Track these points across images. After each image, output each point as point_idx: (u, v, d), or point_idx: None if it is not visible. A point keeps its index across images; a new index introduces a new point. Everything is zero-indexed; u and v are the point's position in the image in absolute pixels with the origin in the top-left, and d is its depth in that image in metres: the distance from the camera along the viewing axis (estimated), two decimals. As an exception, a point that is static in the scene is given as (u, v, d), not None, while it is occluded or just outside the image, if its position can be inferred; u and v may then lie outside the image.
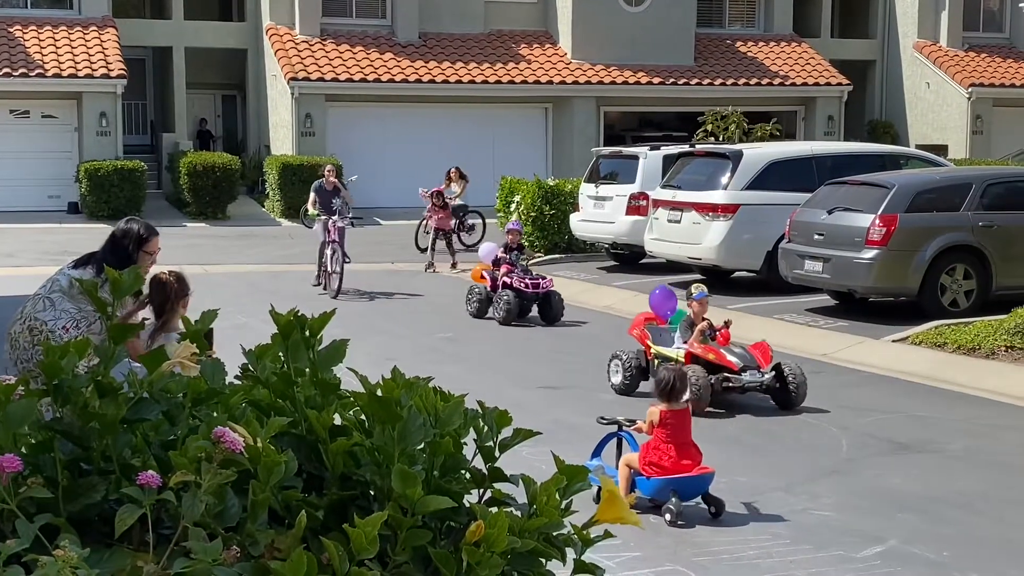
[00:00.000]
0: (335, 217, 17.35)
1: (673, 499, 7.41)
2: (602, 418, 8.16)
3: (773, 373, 10.39)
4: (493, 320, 15.20)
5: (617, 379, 10.97)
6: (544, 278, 15.29)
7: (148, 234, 6.70)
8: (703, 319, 10.87)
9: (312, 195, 17.98)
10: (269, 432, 1.89)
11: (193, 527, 1.73)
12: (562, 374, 12.01)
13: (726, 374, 10.32)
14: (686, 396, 7.88)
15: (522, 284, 14.98)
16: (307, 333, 2.08)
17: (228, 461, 1.78)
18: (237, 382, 2.17)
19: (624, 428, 7.97)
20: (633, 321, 11.54)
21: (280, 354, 2.13)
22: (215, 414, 2.00)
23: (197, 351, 2.02)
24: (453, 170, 22.52)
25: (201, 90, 34.44)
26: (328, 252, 17.18)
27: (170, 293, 5.90)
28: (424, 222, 21.73)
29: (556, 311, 15.02)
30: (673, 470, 7.51)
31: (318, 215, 17.58)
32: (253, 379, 2.12)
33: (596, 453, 8.09)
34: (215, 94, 36.10)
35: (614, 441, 8.09)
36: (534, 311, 15.17)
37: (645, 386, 10.42)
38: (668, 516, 7.34)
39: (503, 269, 15.30)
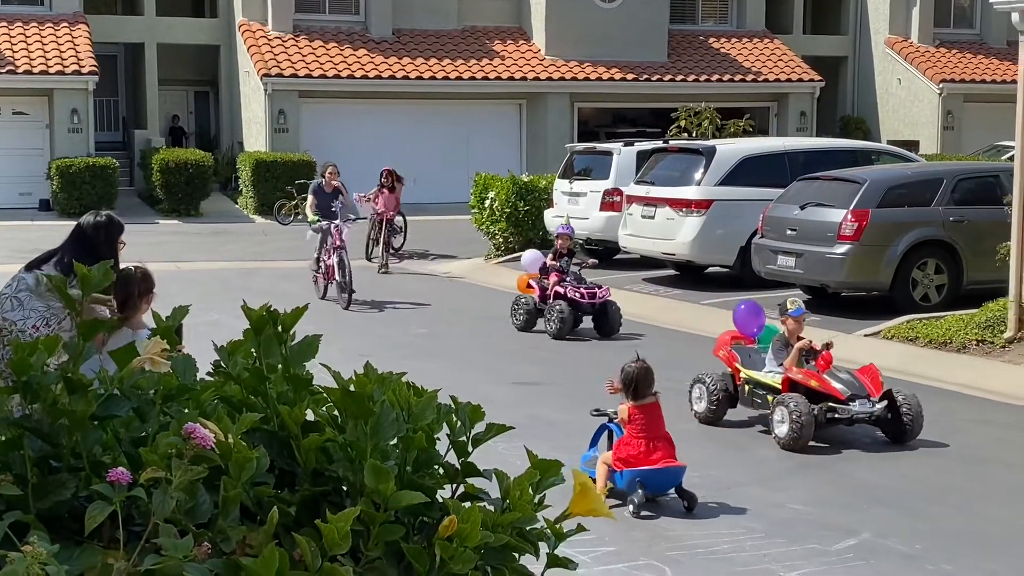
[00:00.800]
0: (337, 221, 16.08)
1: (639, 491, 7.44)
2: (595, 410, 8.19)
3: (885, 402, 9.05)
4: (469, 316, 15.17)
5: (702, 406, 9.72)
6: (600, 287, 13.89)
7: (117, 227, 6.66)
8: (800, 338, 9.51)
9: (311, 198, 16.73)
10: (240, 428, 1.88)
11: (164, 524, 1.72)
12: (538, 370, 12.01)
13: (831, 404, 8.98)
14: (653, 390, 7.84)
15: (576, 294, 13.60)
16: (279, 329, 2.07)
17: (199, 457, 1.77)
18: (209, 378, 2.16)
19: (613, 420, 8.00)
20: (718, 341, 10.16)
21: (252, 350, 2.12)
22: (186, 410, 1.99)
23: (167, 347, 2.01)
24: (387, 171, 21.46)
25: (173, 86, 34.28)
26: (334, 260, 15.86)
27: (134, 288, 5.86)
28: (371, 230, 20.58)
29: (613, 323, 13.68)
30: (641, 463, 7.54)
31: (318, 219, 16.27)
32: (225, 375, 2.11)
33: (593, 444, 8.14)
34: (187, 90, 35.94)
35: (607, 433, 8.13)
36: (586, 322, 13.85)
37: (732, 414, 9.63)
38: (631, 507, 7.38)
39: (553, 278, 13.88)
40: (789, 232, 14.86)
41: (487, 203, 20.85)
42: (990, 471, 8.49)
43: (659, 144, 19.55)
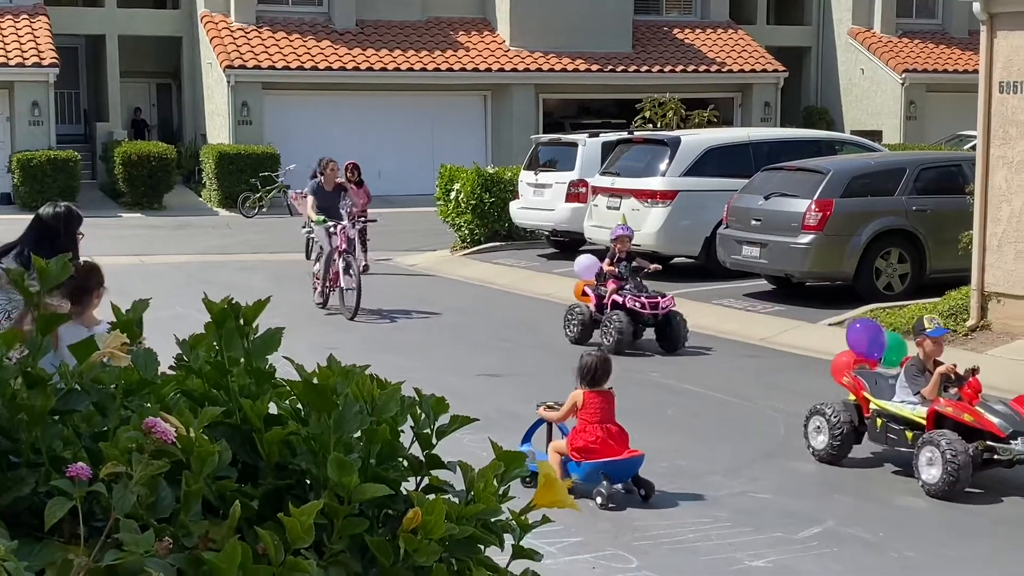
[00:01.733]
0: (344, 223, 14.67)
1: (604, 482, 7.48)
2: (541, 404, 8.20)
3: None
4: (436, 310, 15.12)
5: (822, 441, 8.39)
6: (663, 295, 12.39)
7: (76, 218, 6.61)
8: (939, 362, 8.26)
9: (310, 198, 15.18)
10: (202, 422, 1.86)
11: (125, 519, 1.70)
12: (503, 362, 12.02)
13: (988, 442, 7.68)
14: (608, 382, 7.88)
15: (636, 303, 12.19)
16: (241, 322, 2.06)
17: (160, 452, 1.76)
18: (172, 372, 2.14)
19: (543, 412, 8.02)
20: (835, 364, 8.79)
21: (214, 343, 2.10)
22: (147, 404, 1.97)
23: (127, 341, 1.99)
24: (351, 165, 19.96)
25: (135, 79, 34.01)
26: (340, 265, 14.51)
27: (89, 283, 5.80)
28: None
29: (679, 335, 12.24)
30: (603, 453, 7.59)
31: (323, 221, 14.77)
32: (186, 369, 2.09)
33: (526, 439, 8.11)
34: (150, 83, 35.68)
35: (544, 427, 8.14)
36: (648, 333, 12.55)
37: (857, 450, 8.46)
38: (599, 499, 7.40)
39: (611, 285, 12.46)
40: (754, 222, 14.92)
41: (452, 195, 20.83)
42: (953, 458, 8.55)
43: (624, 135, 19.59)
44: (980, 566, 6.47)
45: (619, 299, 12.33)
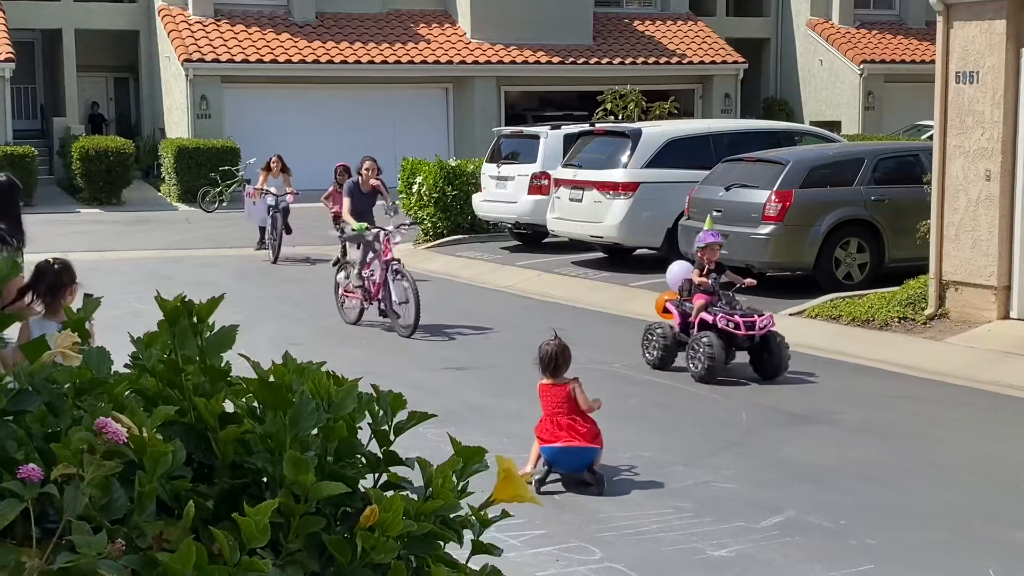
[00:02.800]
0: (389, 227, 13.21)
1: (545, 468, 7.64)
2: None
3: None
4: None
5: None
6: (760, 313, 10.71)
7: (15, 186, 6.58)
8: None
9: (346, 201, 13.82)
10: (155, 421, 1.85)
11: (77, 520, 1.68)
12: (468, 355, 12.01)
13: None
14: (567, 371, 7.91)
15: (730, 323, 10.49)
16: (195, 319, 2.04)
17: (112, 452, 1.74)
18: (127, 371, 2.12)
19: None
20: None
21: (169, 341, 2.08)
22: (100, 404, 1.95)
23: (79, 340, 1.97)
24: (275, 159, 20.19)
25: (92, 73, 33.72)
26: (386, 275, 13.02)
27: (61, 280, 5.75)
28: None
29: (779, 361, 10.58)
30: (549, 441, 7.69)
31: (366, 228, 13.27)
32: (140, 367, 2.07)
33: None
34: (107, 77, 35.38)
35: None
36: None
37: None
38: (531, 482, 7.49)
39: (699, 300, 10.81)
40: (715, 213, 14.96)
41: (415, 188, 20.78)
42: (912, 446, 8.63)
43: (586, 127, 19.61)
44: (939, 551, 6.53)
45: (709, 317, 10.60)
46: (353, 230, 13.50)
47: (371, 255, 13.35)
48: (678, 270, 11.49)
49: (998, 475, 7.85)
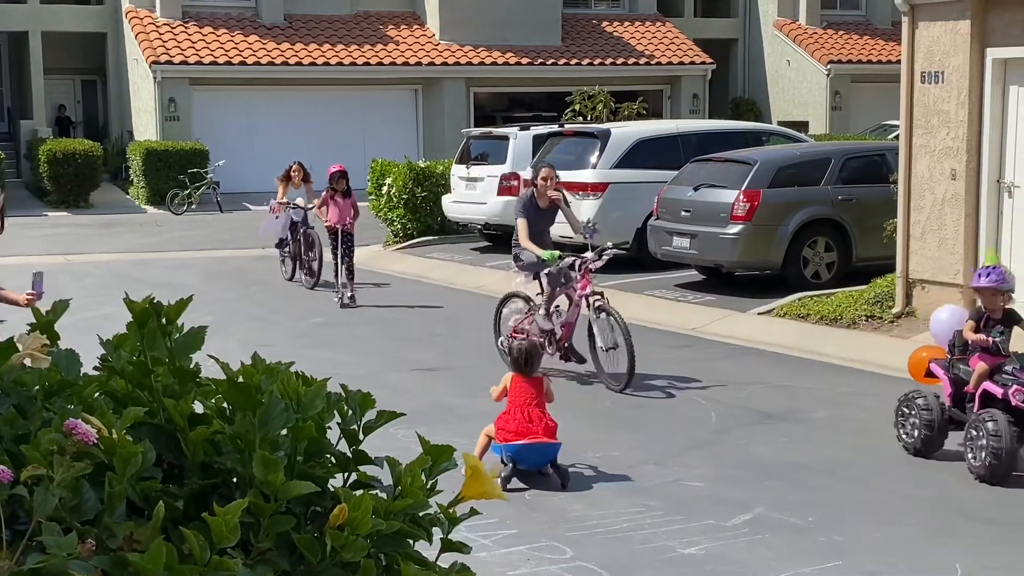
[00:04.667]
0: (588, 256, 10.61)
1: (510, 464, 7.70)
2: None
3: None
4: (366, 304, 15.03)
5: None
6: None
7: None
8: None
9: (521, 222, 10.87)
10: (125, 422, 1.85)
11: (47, 522, 1.69)
12: (438, 356, 12.01)
13: None
14: (539, 368, 8.07)
15: None
16: (163, 321, 2.05)
17: (81, 453, 1.75)
18: (97, 372, 2.13)
19: None
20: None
21: (138, 343, 2.09)
22: (70, 406, 1.95)
23: (47, 342, 1.98)
24: (295, 167, 17.30)
25: (60, 75, 33.49)
26: (591, 316, 10.46)
27: None
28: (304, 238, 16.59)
29: None
30: (521, 436, 7.75)
31: (557, 257, 10.52)
32: (109, 369, 2.08)
33: None
34: (74, 79, 35.15)
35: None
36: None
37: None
38: (497, 480, 7.50)
39: (978, 363, 8.01)
40: (683, 213, 15.05)
41: (384, 189, 20.76)
42: (879, 443, 8.70)
43: (555, 128, 19.65)
44: (907, 547, 6.60)
45: (997, 390, 7.78)
46: (542, 260, 10.56)
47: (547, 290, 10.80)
48: (947, 317, 8.61)
49: (964, 470, 7.92)
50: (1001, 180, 11.98)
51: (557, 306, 10.84)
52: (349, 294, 14.97)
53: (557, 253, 10.56)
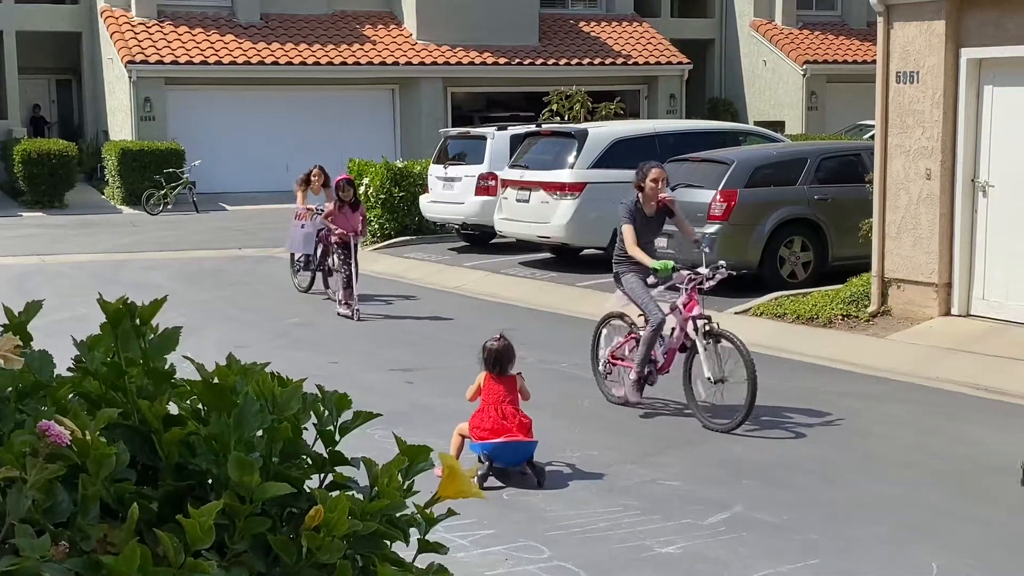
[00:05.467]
0: (702, 271, 9.38)
1: (486, 463, 7.72)
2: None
3: None
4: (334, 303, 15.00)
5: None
6: None
7: None
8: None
9: (627, 226, 9.58)
10: (98, 424, 1.84)
11: (20, 523, 1.68)
12: (416, 356, 12.00)
13: None
14: (513, 367, 8.08)
15: None
16: (137, 322, 2.04)
17: (55, 455, 1.73)
18: (71, 374, 2.11)
19: None
20: None
21: (112, 344, 2.08)
22: (43, 407, 1.94)
23: (20, 343, 1.96)
24: (315, 171, 16.42)
25: (34, 75, 33.30)
26: (697, 342, 9.12)
27: None
28: (318, 244, 15.61)
29: None
30: (496, 435, 7.78)
31: (669, 268, 9.25)
32: (83, 370, 2.07)
33: None
34: (49, 79, 34.95)
35: None
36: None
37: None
38: (475, 479, 7.54)
39: None
40: (660, 213, 15.05)
41: (362, 189, 20.71)
42: (856, 442, 8.74)
43: (532, 128, 19.65)
44: (883, 546, 6.62)
45: None
46: (654, 270, 9.34)
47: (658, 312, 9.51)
48: None
49: (941, 469, 7.96)
50: (976, 179, 12.05)
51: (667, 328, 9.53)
52: (357, 306, 14.07)
53: (670, 264, 9.23)
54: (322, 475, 2.14)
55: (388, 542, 2.09)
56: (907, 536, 6.77)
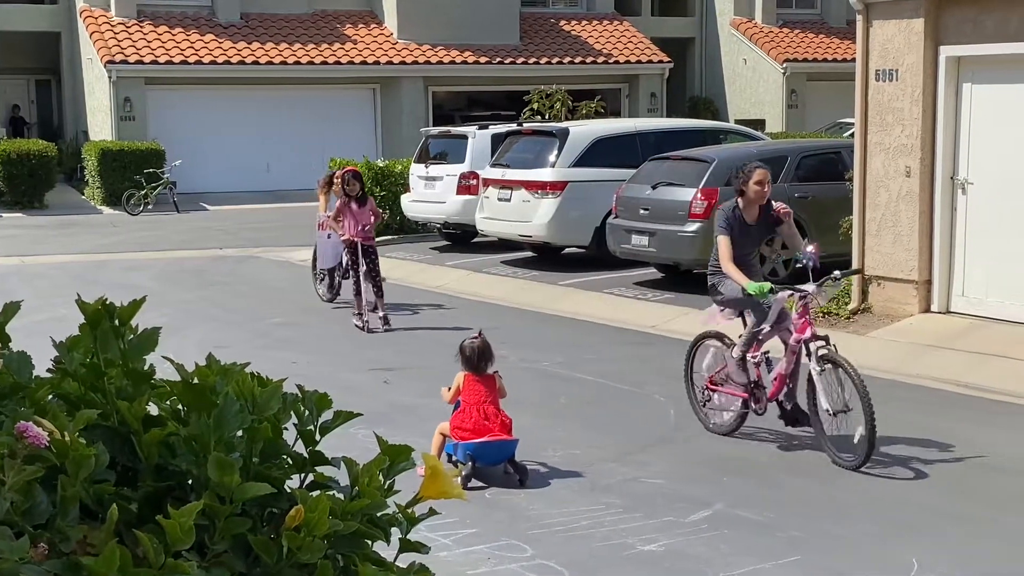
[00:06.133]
0: (809, 289, 8.20)
1: (470, 463, 7.71)
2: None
3: None
4: (326, 304, 14.98)
5: None
6: None
7: None
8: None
9: (723, 237, 8.37)
10: (77, 425, 1.83)
11: (-1, 526, 1.67)
12: (397, 356, 11.99)
13: None
14: (492, 366, 8.09)
15: None
16: (116, 322, 2.03)
17: (33, 457, 1.73)
18: (50, 375, 2.10)
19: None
20: None
21: (92, 345, 2.07)
22: (21, 408, 1.93)
23: (-1, 345, 1.96)
24: (341, 173, 14.33)
25: (13, 75, 33.16)
26: (812, 368, 8.08)
27: None
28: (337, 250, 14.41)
29: None
30: (477, 434, 7.79)
31: (767, 291, 8.12)
32: (62, 371, 2.06)
33: None
34: (29, 79, 34.81)
35: None
36: None
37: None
38: (458, 479, 7.54)
39: None
40: (642, 212, 15.10)
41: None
42: (837, 439, 8.76)
43: (513, 127, 19.66)
44: (865, 543, 6.65)
45: None
46: (749, 294, 8.17)
47: (762, 328, 8.41)
48: None
49: (922, 466, 7.99)
50: (955, 177, 12.10)
51: (766, 352, 8.58)
52: (381, 314, 13.18)
53: (768, 285, 8.13)
54: (303, 475, 2.13)
55: (369, 542, 2.09)
56: (889, 533, 6.80)
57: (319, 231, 14.96)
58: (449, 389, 8.19)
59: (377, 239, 13.98)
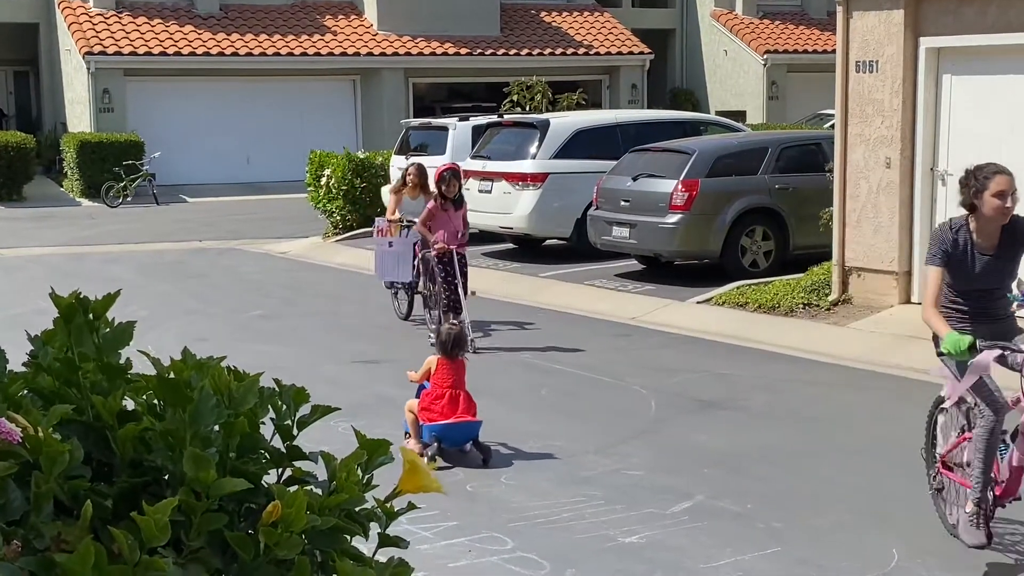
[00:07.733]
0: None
1: (435, 443, 7.98)
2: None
3: None
4: (315, 298, 14.91)
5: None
6: None
7: None
8: None
9: (933, 270, 6.20)
10: (51, 420, 1.82)
11: (-29, 524, 1.66)
12: (378, 348, 11.96)
13: None
14: (464, 353, 8.45)
15: None
16: (91, 316, 2.01)
17: (6, 453, 1.71)
18: (25, 369, 2.08)
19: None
20: None
21: (65, 338, 2.05)
22: (-5, 404, 1.91)
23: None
24: (411, 171, 13.32)
25: (-10, 66, 32.95)
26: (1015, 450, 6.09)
27: None
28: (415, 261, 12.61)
29: None
30: (444, 416, 8.04)
31: (972, 346, 5.77)
32: (36, 366, 2.04)
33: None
34: (6, 71, 34.58)
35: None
36: None
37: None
38: (424, 459, 7.69)
39: None
40: (623, 203, 15.10)
41: (323, 181, 20.62)
42: (817, 430, 8.80)
43: (494, 118, 19.62)
44: (845, 533, 6.67)
45: None
46: (947, 353, 5.97)
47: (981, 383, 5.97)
48: None
49: (902, 457, 8.02)
50: (935, 168, 12.14)
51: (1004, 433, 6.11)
52: (472, 336, 10.96)
53: (967, 341, 5.76)
54: (280, 470, 2.12)
55: (348, 537, 2.07)
56: (869, 524, 6.82)
57: (378, 239, 13.25)
58: (416, 372, 8.48)
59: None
